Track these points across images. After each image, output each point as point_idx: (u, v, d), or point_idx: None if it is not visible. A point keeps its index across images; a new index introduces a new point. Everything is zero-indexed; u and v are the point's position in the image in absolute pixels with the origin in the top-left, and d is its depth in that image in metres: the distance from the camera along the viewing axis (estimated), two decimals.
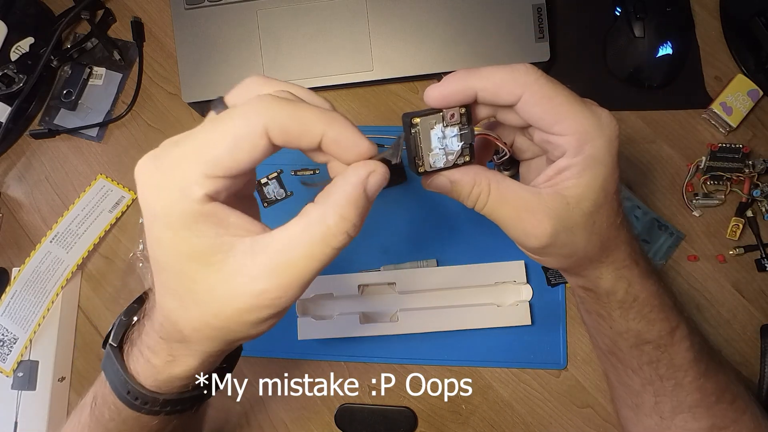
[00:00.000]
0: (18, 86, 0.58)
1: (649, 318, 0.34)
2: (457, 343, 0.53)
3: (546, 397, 0.52)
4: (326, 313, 0.53)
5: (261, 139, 0.24)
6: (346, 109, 0.59)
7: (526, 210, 0.29)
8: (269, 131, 0.24)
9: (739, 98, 0.53)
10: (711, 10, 0.58)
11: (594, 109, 0.29)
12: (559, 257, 0.32)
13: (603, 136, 0.28)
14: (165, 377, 0.30)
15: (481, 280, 0.52)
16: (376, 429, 0.53)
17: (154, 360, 0.30)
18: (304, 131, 0.25)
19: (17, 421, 0.54)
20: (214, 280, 0.25)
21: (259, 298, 0.25)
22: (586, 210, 0.29)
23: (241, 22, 0.57)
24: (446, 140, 0.29)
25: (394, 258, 0.54)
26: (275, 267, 0.24)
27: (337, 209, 0.25)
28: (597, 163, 0.29)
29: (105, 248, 0.59)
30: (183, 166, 0.24)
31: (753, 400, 0.39)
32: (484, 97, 0.29)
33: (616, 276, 0.33)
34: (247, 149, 0.24)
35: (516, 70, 0.28)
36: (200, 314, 0.26)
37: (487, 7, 0.55)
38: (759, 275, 0.52)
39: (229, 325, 0.26)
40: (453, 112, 0.29)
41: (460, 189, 0.30)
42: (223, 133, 0.24)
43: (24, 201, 0.61)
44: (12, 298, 0.55)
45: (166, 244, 0.25)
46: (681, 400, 0.36)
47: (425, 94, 0.29)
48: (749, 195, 0.52)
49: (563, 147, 0.29)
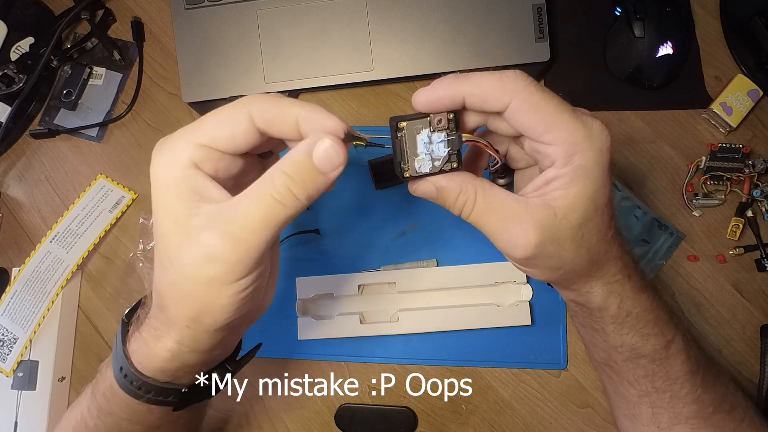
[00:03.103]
0: (18, 86, 0.58)
1: (643, 333, 0.34)
2: (457, 343, 0.53)
3: (546, 397, 0.52)
4: (326, 313, 0.53)
5: (242, 116, 0.28)
6: (346, 108, 0.59)
7: (512, 220, 0.29)
8: (253, 115, 0.28)
9: (739, 98, 0.53)
10: (711, 10, 0.58)
11: (585, 119, 0.28)
12: (546, 269, 0.31)
13: (593, 147, 0.28)
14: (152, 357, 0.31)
15: (481, 280, 0.52)
16: (376, 429, 0.53)
17: (145, 334, 0.31)
18: (281, 113, 0.28)
19: (17, 421, 0.54)
20: (185, 243, 0.27)
21: (214, 255, 0.26)
22: (575, 222, 0.29)
23: (241, 22, 0.57)
24: (433, 146, 0.29)
25: (394, 258, 0.54)
26: (226, 224, 0.26)
27: (282, 168, 0.27)
28: (586, 174, 0.28)
29: (105, 248, 0.59)
30: (178, 136, 0.28)
31: (751, 407, 0.39)
32: (472, 103, 0.29)
33: (608, 291, 0.33)
34: (229, 125, 0.28)
35: (505, 77, 0.28)
36: (172, 275, 0.28)
37: (487, 7, 0.55)
38: (759, 275, 0.52)
39: (195, 291, 0.27)
40: (440, 117, 0.29)
41: (446, 196, 0.30)
42: (213, 115, 0.29)
43: (24, 201, 0.61)
44: (12, 298, 0.55)
45: (160, 208, 0.28)
46: (678, 412, 0.36)
47: (413, 98, 0.29)
48: (749, 195, 0.52)
49: (552, 157, 0.28)
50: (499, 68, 0.54)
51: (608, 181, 0.29)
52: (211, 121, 0.29)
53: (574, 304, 0.35)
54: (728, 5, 0.57)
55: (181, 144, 0.28)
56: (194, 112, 0.60)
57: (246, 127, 0.28)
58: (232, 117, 0.28)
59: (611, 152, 0.29)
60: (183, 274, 0.27)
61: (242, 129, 0.28)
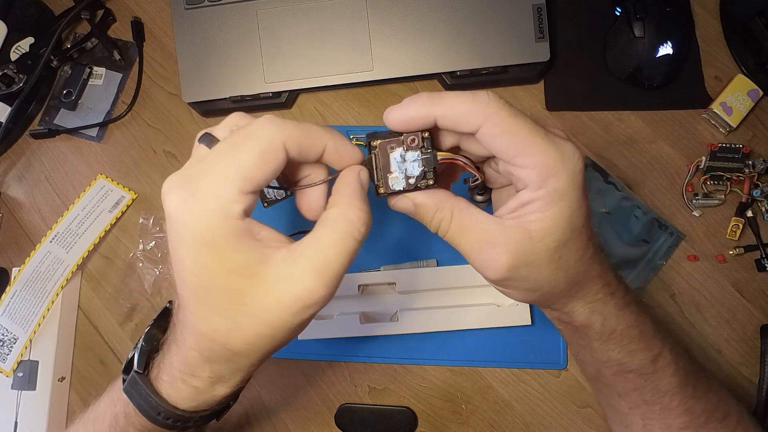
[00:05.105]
0: (18, 86, 0.58)
1: (630, 349, 0.34)
2: (457, 343, 0.53)
3: (546, 397, 0.52)
4: (326, 313, 0.53)
5: (281, 152, 0.26)
6: (346, 108, 0.59)
7: (486, 242, 0.29)
8: (286, 144, 0.26)
9: (739, 98, 0.53)
10: (711, 10, 0.58)
11: (557, 142, 0.28)
12: (523, 291, 0.31)
13: (566, 170, 0.28)
14: (206, 397, 0.31)
15: (481, 280, 0.51)
16: (376, 429, 0.53)
17: (194, 382, 0.30)
18: (314, 143, 0.28)
19: (17, 421, 0.54)
20: (262, 291, 0.26)
21: (308, 298, 0.26)
22: (551, 245, 0.29)
23: (241, 22, 0.57)
24: (406, 164, 0.29)
25: (394, 258, 0.54)
26: (316, 267, 0.26)
27: (353, 204, 0.28)
28: (562, 197, 0.28)
29: (105, 248, 0.59)
30: (220, 186, 0.25)
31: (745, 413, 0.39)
32: (444, 125, 0.29)
33: (590, 310, 0.33)
34: (272, 163, 0.26)
35: (478, 99, 0.28)
36: (253, 327, 0.27)
37: (487, 7, 0.55)
38: (759, 275, 0.52)
39: (279, 332, 0.27)
40: (413, 137, 0.29)
41: (423, 213, 0.31)
42: (251, 150, 0.26)
43: (24, 201, 0.61)
44: (12, 298, 0.55)
45: (211, 265, 0.26)
46: (669, 423, 0.36)
47: (384, 115, 0.29)
48: (749, 195, 0.52)
49: (525, 180, 0.28)
50: (499, 68, 0.55)
51: (584, 203, 0.29)
52: (252, 160, 0.26)
53: (558, 321, 0.35)
54: (728, 5, 0.57)
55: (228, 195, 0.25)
56: (194, 112, 0.60)
57: (283, 163, 0.27)
58: (275, 154, 0.26)
59: (583, 174, 0.29)
60: (269, 323, 0.27)
61: (280, 165, 0.27)
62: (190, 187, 0.26)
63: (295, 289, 0.26)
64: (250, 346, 0.28)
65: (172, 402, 0.31)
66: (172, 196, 0.26)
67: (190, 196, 0.26)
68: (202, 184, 0.26)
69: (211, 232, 0.25)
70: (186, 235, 0.26)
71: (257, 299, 0.26)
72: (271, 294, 0.26)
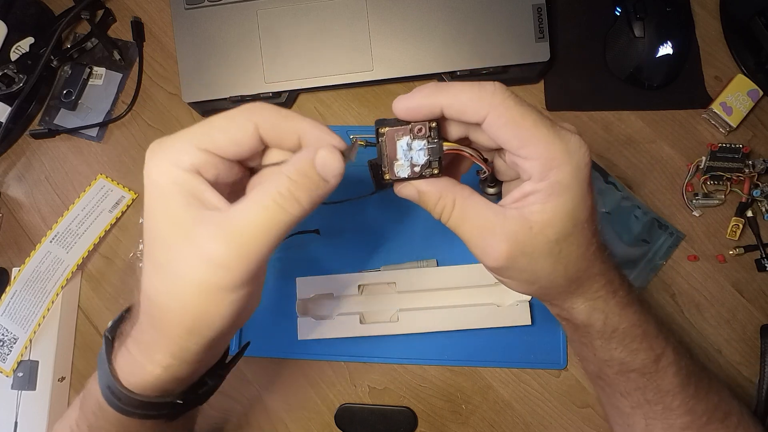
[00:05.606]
0: (18, 86, 0.58)
1: (632, 348, 0.34)
2: (457, 343, 0.53)
3: (546, 397, 0.52)
4: (326, 313, 0.53)
5: (250, 124, 0.28)
6: (346, 108, 0.59)
7: (486, 229, 0.29)
8: (258, 123, 0.28)
9: (739, 98, 0.53)
10: (711, 10, 0.58)
11: (562, 134, 0.28)
12: (520, 282, 0.31)
13: (570, 163, 0.28)
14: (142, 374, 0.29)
15: (481, 280, 0.52)
16: (376, 429, 0.53)
17: (133, 349, 0.30)
18: (287, 124, 0.28)
19: (17, 421, 0.54)
20: (186, 249, 0.26)
21: (219, 262, 0.26)
22: (551, 237, 0.29)
23: (241, 22, 0.57)
24: (412, 152, 0.30)
25: (394, 258, 0.54)
26: (231, 232, 0.26)
27: (286, 173, 0.27)
28: (564, 190, 0.28)
29: (105, 248, 0.59)
30: (179, 137, 0.28)
31: (746, 413, 0.39)
32: (450, 114, 0.29)
33: (591, 307, 0.33)
34: (236, 131, 0.28)
35: (483, 89, 0.28)
36: (172, 284, 0.27)
37: (487, 7, 0.55)
38: (759, 275, 0.52)
39: (194, 300, 0.27)
40: (420, 126, 0.29)
41: (427, 200, 0.31)
42: (219, 117, 0.28)
43: (24, 201, 0.61)
44: (12, 298, 0.55)
45: (157, 212, 0.27)
46: (671, 423, 0.36)
47: (393, 104, 0.29)
48: (749, 195, 0.52)
49: (528, 171, 0.28)
50: (499, 68, 0.55)
51: (588, 197, 0.29)
52: (215, 125, 0.28)
53: (559, 318, 0.35)
54: (728, 5, 0.57)
55: (183, 146, 0.27)
56: (194, 112, 0.60)
57: (251, 135, 0.28)
58: (238, 123, 0.28)
59: (590, 168, 0.29)
60: (183, 281, 0.26)
61: (247, 136, 0.28)
62: (161, 141, 0.28)
63: (208, 253, 0.26)
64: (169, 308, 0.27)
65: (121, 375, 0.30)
66: (150, 147, 0.28)
67: (158, 145, 0.28)
68: (169, 138, 0.28)
69: (161, 178, 0.27)
70: (146, 182, 0.27)
71: (182, 257, 0.26)
72: (192, 255, 0.26)
